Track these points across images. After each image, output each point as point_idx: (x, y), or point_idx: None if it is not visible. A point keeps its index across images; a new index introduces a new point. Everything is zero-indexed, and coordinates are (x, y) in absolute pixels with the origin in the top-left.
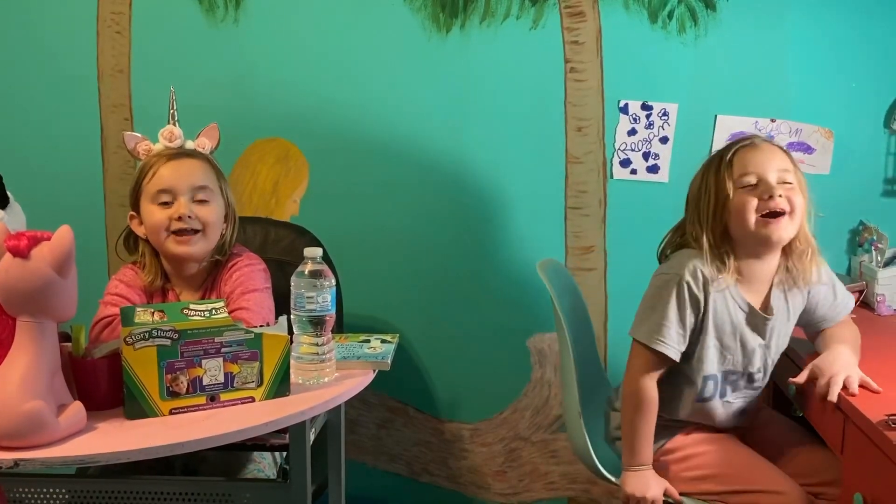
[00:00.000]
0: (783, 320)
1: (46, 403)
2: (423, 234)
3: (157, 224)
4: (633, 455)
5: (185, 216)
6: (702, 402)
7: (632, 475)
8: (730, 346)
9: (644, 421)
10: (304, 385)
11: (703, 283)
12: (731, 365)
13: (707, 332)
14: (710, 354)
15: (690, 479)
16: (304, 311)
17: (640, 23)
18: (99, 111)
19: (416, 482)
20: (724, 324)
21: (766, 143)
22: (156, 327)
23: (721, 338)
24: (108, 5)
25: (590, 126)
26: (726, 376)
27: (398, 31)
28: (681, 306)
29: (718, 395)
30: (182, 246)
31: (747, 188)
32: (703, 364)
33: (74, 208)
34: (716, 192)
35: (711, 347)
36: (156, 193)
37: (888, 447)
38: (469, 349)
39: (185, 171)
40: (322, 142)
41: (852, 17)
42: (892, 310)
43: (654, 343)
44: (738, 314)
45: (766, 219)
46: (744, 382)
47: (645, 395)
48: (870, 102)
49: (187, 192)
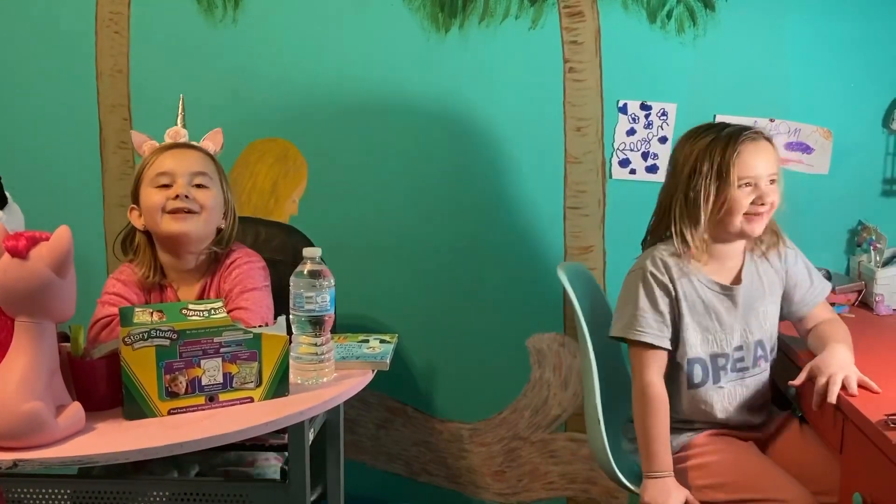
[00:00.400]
0: (758, 294)
1: (45, 404)
2: (423, 233)
3: (154, 204)
4: (650, 461)
5: (181, 195)
6: (694, 388)
7: (651, 483)
8: (708, 327)
9: (655, 421)
10: (303, 385)
11: (666, 269)
12: (715, 346)
13: (683, 316)
14: (691, 337)
15: (703, 486)
16: (303, 311)
17: (638, 23)
18: (98, 111)
19: (415, 482)
20: (696, 304)
21: (765, 139)
22: (155, 327)
23: (698, 320)
24: (107, 5)
25: (589, 126)
26: (714, 359)
27: (397, 30)
28: (650, 294)
29: (711, 380)
30: (177, 223)
31: (744, 187)
32: (686, 347)
33: (73, 208)
34: (717, 183)
35: (690, 330)
36: (155, 177)
37: (887, 447)
38: (468, 349)
39: (186, 157)
40: (321, 142)
41: (851, 18)
42: (890, 310)
43: (633, 334)
44: (708, 293)
45: (750, 216)
46: (731, 365)
47: (650, 393)
48: (868, 102)
49: (186, 176)
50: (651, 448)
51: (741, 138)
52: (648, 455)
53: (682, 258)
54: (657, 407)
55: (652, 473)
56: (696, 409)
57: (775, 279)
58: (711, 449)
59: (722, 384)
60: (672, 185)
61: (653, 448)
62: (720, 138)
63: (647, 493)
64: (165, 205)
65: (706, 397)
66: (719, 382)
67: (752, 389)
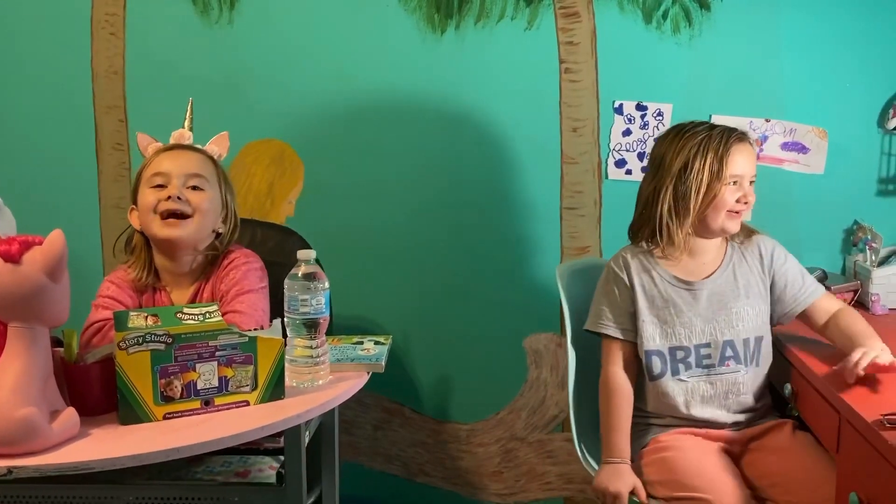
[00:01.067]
0: (731, 294)
1: (39, 410)
2: (419, 234)
3: (147, 204)
4: (607, 448)
5: (174, 196)
6: (654, 380)
7: (605, 468)
8: (667, 319)
9: (614, 411)
10: (299, 388)
11: (626, 265)
12: (674, 339)
13: (640, 310)
14: (649, 329)
15: (654, 481)
16: (297, 314)
17: (634, 23)
18: (93, 113)
19: (413, 483)
20: (655, 298)
21: (749, 142)
22: (149, 332)
23: (656, 313)
24: (102, 7)
25: (585, 126)
26: (673, 351)
27: (393, 32)
28: (609, 290)
29: (670, 372)
30: (167, 229)
31: (731, 185)
32: (644, 339)
33: (69, 211)
34: (708, 181)
35: (648, 323)
36: (151, 177)
37: (884, 447)
38: (465, 349)
39: (182, 158)
40: (317, 143)
41: (846, 18)
42: (886, 309)
43: (596, 327)
44: (668, 287)
45: (731, 213)
46: (695, 360)
47: (611, 384)
48: (863, 102)
49: (181, 177)
50: (609, 436)
51: (732, 138)
52: (607, 443)
53: (647, 255)
54: (617, 397)
55: (608, 460)
56: (659, 402)
57: (756, 282)
58: (670, 445)
59: (682, 377)
60: (658, 180)
61: (611, 436)
62: (713, 136)
63: (599, 476)
64: (158, 205)
65: (666, 389)
66: (679, 375)
67: (722, 389)
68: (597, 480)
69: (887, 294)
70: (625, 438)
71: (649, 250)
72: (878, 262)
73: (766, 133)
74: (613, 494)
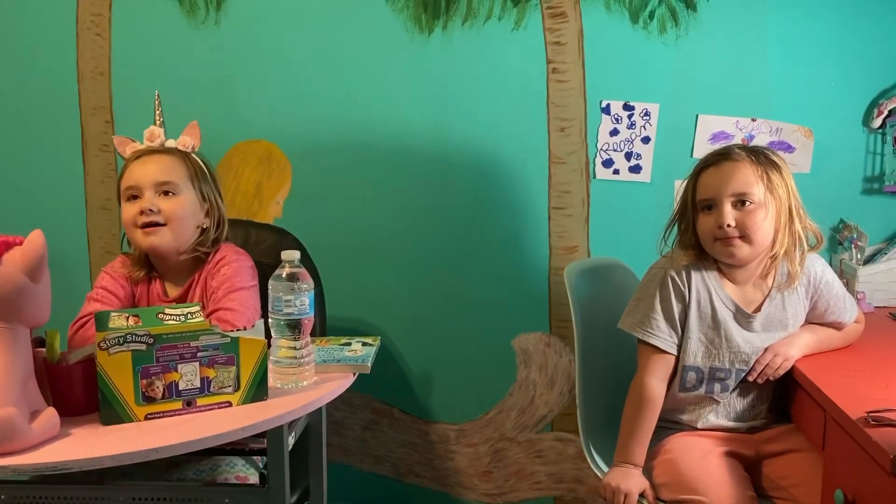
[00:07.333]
0: (779, 325)
1: (19, 409)
2: (407, 234)
3: (127, 220)
4: (623, 452)
5: (145, 210)
6: (685, 392)
7: (617, 468)
8: (714, 341)
9: (641, 422)
10: (283, 389)
11: (687, 276)
12: (717, 361)
13: (689, 324)
14: (693, 346)
15: (659, 484)
16: (281, 314)
17: (621, 23)
18: (79, 114)
19: (402, 483)
20: (707, 316)
21: (730, 161)
22: (130, 332)
23: (705, 331)
24: (88, 7)
25: (572, 126)
26: (712, 371)
27: (380, 32)
28: (665, 298)
29: (704, 389)
30: (147, 238)
31: (705, 210)
32: (686, 354)
33: (56, 211)
34: (692, 210)
35: (694, 340)
36: (125, 190)
37: (869, 444)
38: (454, 350)
39: (150, 167)
40: (305, 143)
41: (831, 18)
42: (872, 307)
43: (643, 335)
44: (723, 310)
45: (722, 241)
46: (733, 381)
47: (645, 395)
48: (849, 101)
49: (151, 188)
50: (628, 442)
51: (707, 161)
52: (624, 448)
53: (709, 270)
54: (647, 409)
55: (621, 463)
56: (678, 411)
57: (801, 311)
58: (677, 448)
59: (716, 397)
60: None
61: (630, 443)
62: (697, 164)
63: (611, 474)
64: (136, 220)
65: (693, 402)
66: (713, 394)
67: (747, 400)
68: (607, 478)
69: (873, 292)
70: (643, 448)
71: (714, 266)
72: (864, 261)
73: (753, 132)
74: (624, 492)
